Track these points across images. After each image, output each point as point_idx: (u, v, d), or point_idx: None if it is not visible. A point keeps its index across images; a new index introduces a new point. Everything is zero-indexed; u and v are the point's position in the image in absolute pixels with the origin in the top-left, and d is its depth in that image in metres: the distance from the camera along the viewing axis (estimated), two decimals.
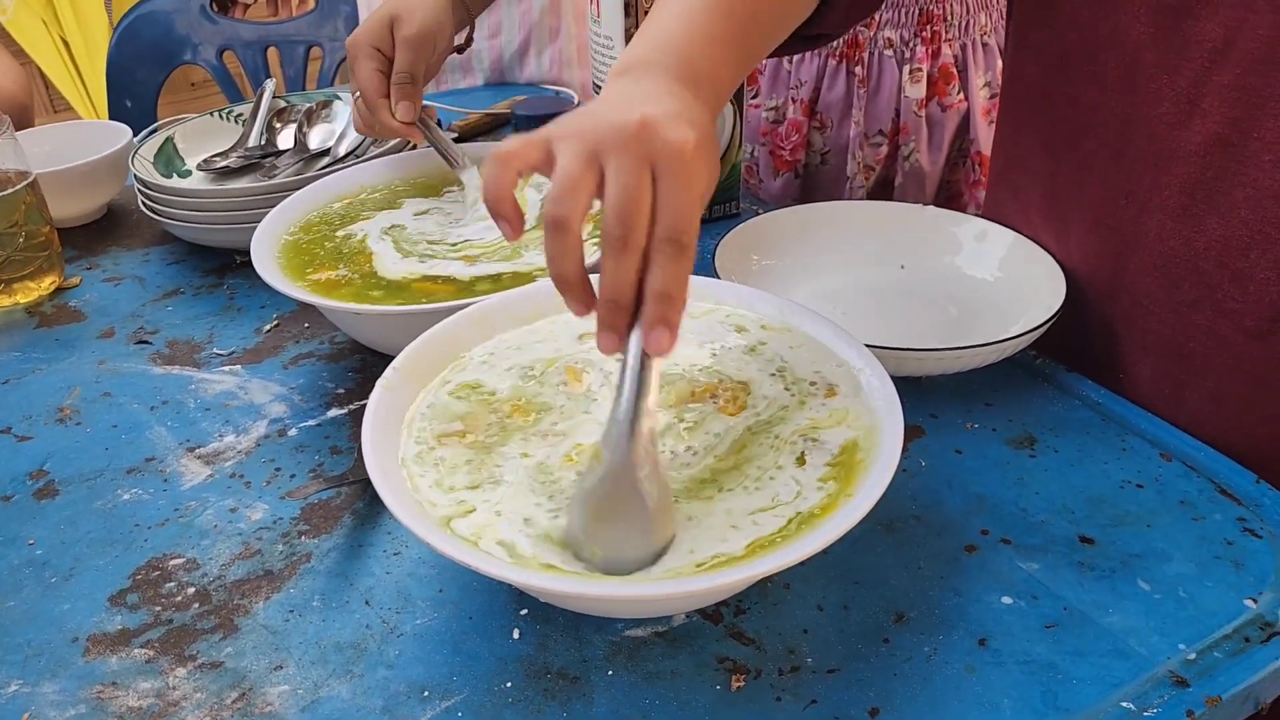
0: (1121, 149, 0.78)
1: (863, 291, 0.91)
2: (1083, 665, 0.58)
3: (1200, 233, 0.74)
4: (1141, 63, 0.74)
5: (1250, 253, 0.71)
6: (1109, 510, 0.69)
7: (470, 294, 0.83)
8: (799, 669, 0.59)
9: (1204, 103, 0.71)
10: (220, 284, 1.05)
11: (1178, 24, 0.71)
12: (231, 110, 1.27)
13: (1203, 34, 0.70)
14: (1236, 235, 0.72)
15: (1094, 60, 0.78)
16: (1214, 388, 0.76)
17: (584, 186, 0.53)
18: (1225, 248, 0.72)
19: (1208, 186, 0.72)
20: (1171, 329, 0.77)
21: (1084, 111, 0.80)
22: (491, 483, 0.62)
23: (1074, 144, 0.82)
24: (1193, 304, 0.76)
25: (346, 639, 0.62)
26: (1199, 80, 0.71)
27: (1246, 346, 0.73)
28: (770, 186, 1.32)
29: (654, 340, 0.53)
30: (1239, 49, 0.68)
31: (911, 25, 1.20)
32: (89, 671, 0.61)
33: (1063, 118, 0.83)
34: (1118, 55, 0.76)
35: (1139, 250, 0.78)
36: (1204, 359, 0.76)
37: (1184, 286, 0.76)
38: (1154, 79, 0.74)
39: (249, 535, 0.71)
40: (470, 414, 0.67)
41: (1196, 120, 0.72)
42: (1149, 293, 0.78)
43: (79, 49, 2.90)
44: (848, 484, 0.60)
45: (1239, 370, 0.74)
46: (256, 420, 0.83)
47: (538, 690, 0.58)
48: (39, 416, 0.85)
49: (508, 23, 1.58)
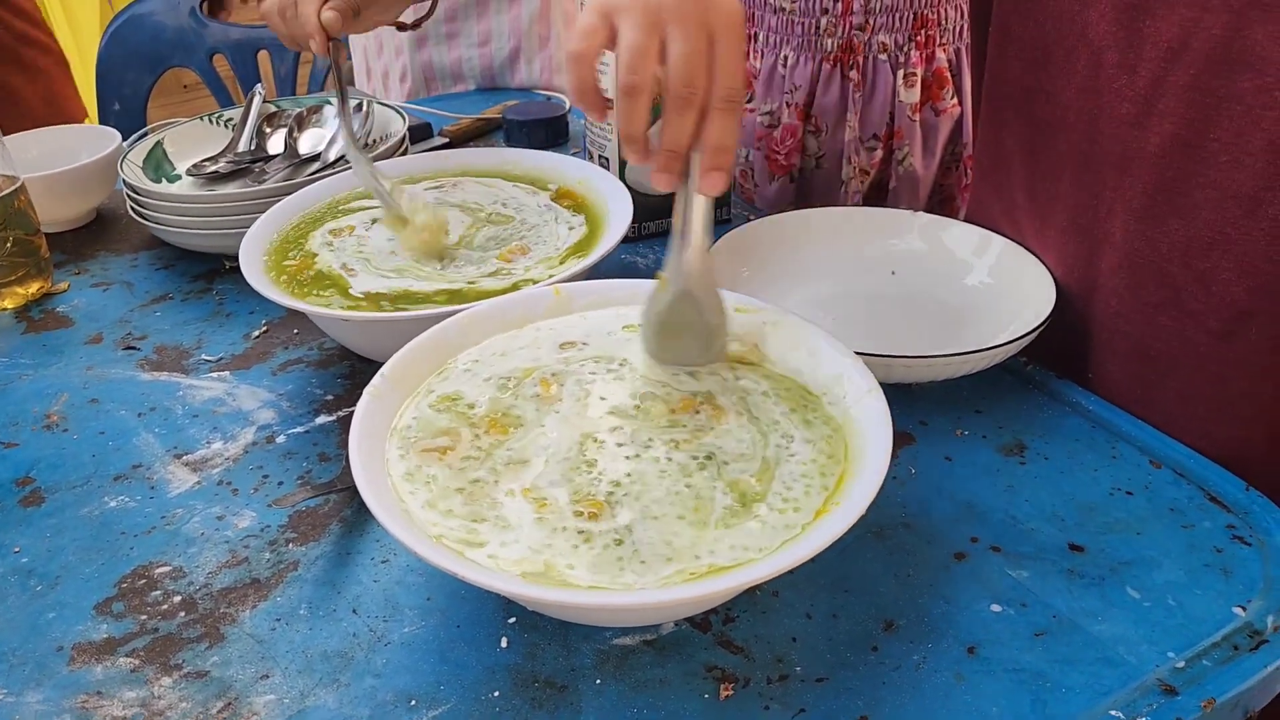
0: (1090, 150, 0.78)
1: (853, 298, 0.91)
2: (1072, 673, 0.58)
3: (1164, 234, 0.74)
4: (1104, 61, 0.74)
5: (1212, 253, 0.71)
6: (1099, 517, 0.69)
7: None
8: (788, 677, 0.58)
9: (1161, 103, 0.71)
10: (209, 289, 1.04)
11: (1136, 22, 0.71)
12: (221, 115, 1.26)
13: (1159, 33, 0.70)
14: (1198, 236, 0.72)
15: (1069, 57, 0.78)
16: (1180, 389, 0.76)
17: (650, 54, 0.60)
18: (1188, 249, 0.73)
19: (1169, 188, 0.73)
20: (1140, 330, 0.78)
21: (1059, 109, 0.80)
22: (499, 523, 0.60)
23: (1050, 144, 0.82)
24: (1159, 305, 0.76)
25: (333, 648, 0.62)
26: (1156, 80, 0.71)
27: (1211, 347, 0.74)
28: (766, 192, 1.32)
29: (710, 183, 0.61)
30: (1194, 49, 0.68)
31: (906, 30, 1.20)
32: (74, 681, 0.61)
33: (1041, 116, 0.83)
34: (1087, 53, 0.76)
35: (1107, 252, 0.78)
36: (1170, 360, 0.76)
37: (1150, 287, 0.76)
38: (1115, 78, 0.74)
39: (236, 543, 0.70)
40: (452, 429, 0.66)
41: (1155, 121, 0.72)
42: (1117, 294, 0.79)
43: (70, 52, 2.89)
44: (836, 491, 0.60)
45: (1204, 371, 0.75)
46: (244, 427, 0.82)
47: (525, 699, 0.58)
48: (25, 423, 0.85)
49: (497, 31, 1.57)
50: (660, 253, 1.03)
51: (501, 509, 0.60)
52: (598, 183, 0.99)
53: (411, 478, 0.63)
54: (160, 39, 1.81)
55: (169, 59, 1.83)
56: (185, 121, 1.25)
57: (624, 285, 0.78)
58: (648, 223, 1.06)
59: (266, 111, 1.25)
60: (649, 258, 1.03)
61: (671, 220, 0.65)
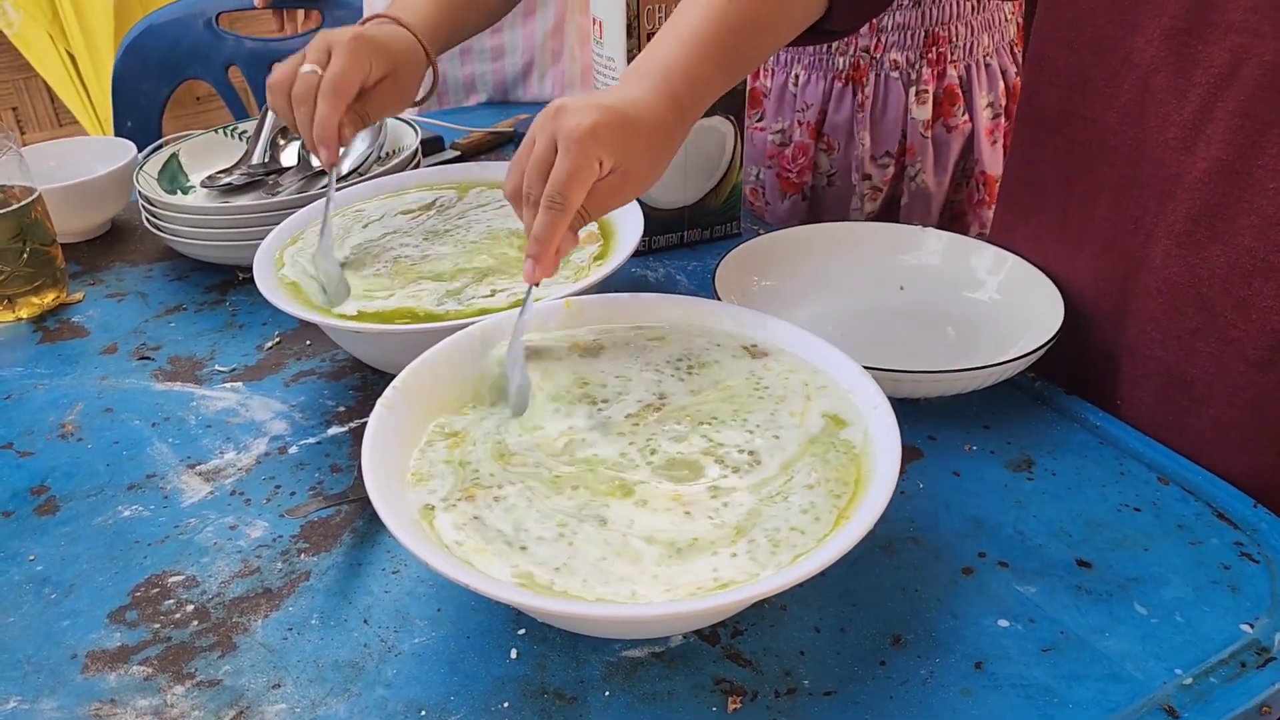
0: (1132, 174, 0.78)
1: (862, 313, 0.91)
2: (1079, 689, 0.58)
3: (1204, 260, 0.74)
4: (1152, 86, 0.74)
5: (1253, 280, 0.71)
6: (1106, 534, 0.69)
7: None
8: (795, 691, 0.59)
9: (1209, 128, 0.71)
10: (222, 300, 1.05)
11: (1187, 47, 0.71)
12: (236, 127, 1.27)
13: (1210, 59, 0.70)
14: (1240, 262, 0.72)
15: (1112, 81, 0.78)
16: (1215, 416, 0.76)
17: (519, 163, 0.71)
18: (1229, 275, 0.72)
19: (1212, 213, 0.73)
20: (1175, 356, 0.77)
21: (1101, 134, 0.80)
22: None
23: (1090, 168, 0.82)
24: (1196, 331, 0.76)
25: (344, 658, 0.62)
26: (1205, 105, 0.71)
27: (1248, 375, 0.73)
28: (777, 209, 1.32)
29: (525, 269, 0.70)
30: (1244, 75, 0.68)
31: (917, 47, 1.20)
32: (88, 688, 0.61)
33: (1080, 141, 0.82)
34: (1132, 77, 0.76)
35: (1144, 276, 0.78)
36: (1206, 387, 0.76)
37: (1188, 313, 0.76)
38: (1164, 103, 0.74)
39: (248, 553, 0.71)
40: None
41: (1202, 146, 0.72)
42: (1153, 319, 0.78)
43: (85, 63, 2.91)
44: (845, 506, 0.61)
45: (1240, 399, 0.74)
46: (257, 437, 0.83)
47: (535, 710, 0.58)
48: (40, 432, 0.86)
49: (510, 45, 1.58)
50: (670, 266, 1.04)
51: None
52: None
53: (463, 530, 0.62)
54: (177, 50, 1.83)
55: (185, 70, 1.84)
56: (200, 134, 1.26)
57: (634, 299, 0.79)
58: (658, 236, 1.06)
59: (280, 124, 1.26)
60: (659, 271, 1.04)
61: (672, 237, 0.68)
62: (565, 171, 0.67)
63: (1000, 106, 1.26)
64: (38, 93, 3.18)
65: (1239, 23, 0.68)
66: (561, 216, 0.67)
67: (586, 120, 0.67)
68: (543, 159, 0.68)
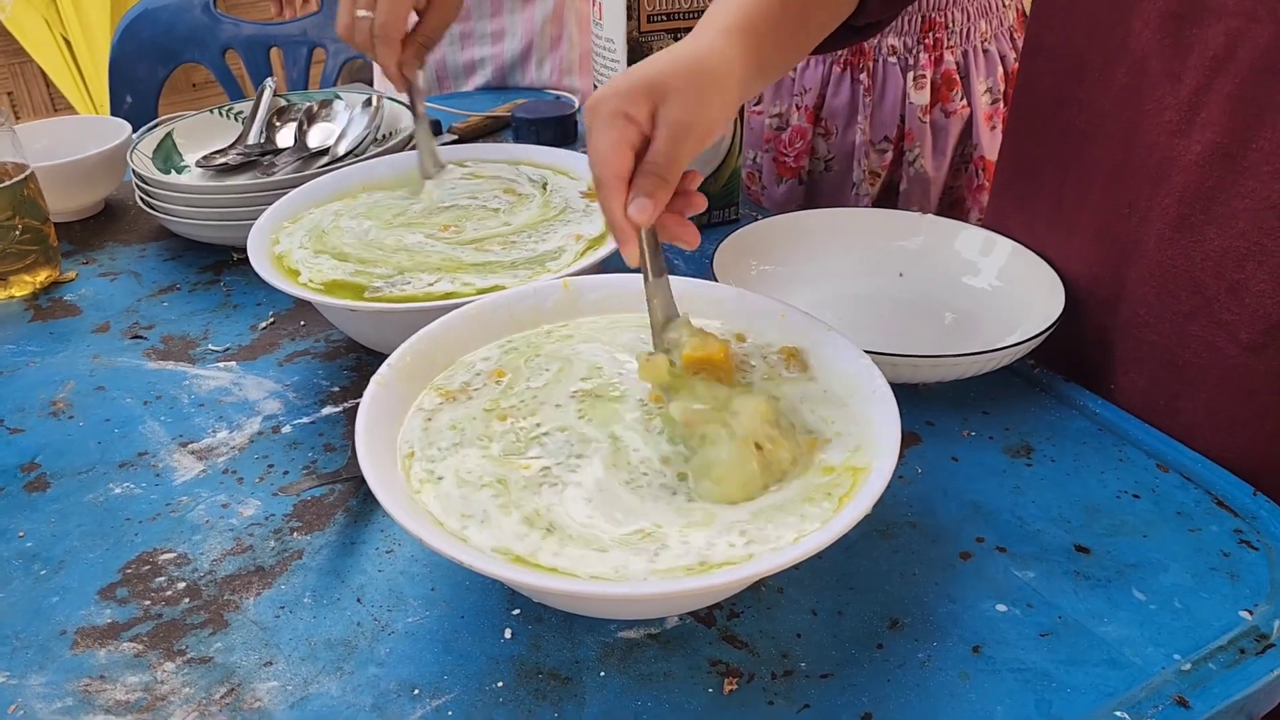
0: (1125, 158, 0.78)
1: (861, 298, 0.91)
2: (1077, 674, 0.58)
3: (1198, 243, 0.73)
4: (1147, 70, 0.74)
5: (1247, 264, 0.71)
6: (1105, 520, 0.68)
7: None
8: (792, 673, 0.58)
9: (1204, 112, 0.71)
10: (217, 280, 1.04)
11: (1182, 31, 0.71)
12: (232, 108, 1.26)
13: (1206, 42, 0.70)
14: (1234, 246, 0.71)
15: (1107, 66, 0.78)
16: (1207, 399, 0.76)
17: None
18: (1223, 259, 0.72)
19: (1207, 197, 0.72)
20: (1168, 340, 0.77)
21: (1096, 118, 0.80)
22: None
23: (1082, 152, 0.82)
24: (1189, 315, 0.75)
25: (337, 636, 0.62)
26: (1201, 89, 0.71)
27: (1240, 359, 0.73)
28: (774, 193, 1.32)
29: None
30: (1240, 58, 0.68)
31: (914, 33, 1.20)
32: (77, 664, 0.61)
33: (1073, 125, 0.82)
34: (1128, 62, 0.76)
35: (1138, 260, 0.78)
36: (1199, 371, 0.76)
37: (1181, 297, 0.76)
38: (1158, 86, 0.74)
39: (240, 531, 0.70)
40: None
41: (1197, 129, 0.72)
42: (1147, 303, 0.78)
43: (80, 48, 2.90)
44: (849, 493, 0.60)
45: (1232, 383, 0.74)
46: (250, 416, 0.82)
47: (529, 690, 0.58)
48: (32, 409, 0.85)
49: (510, 30, 1.58)
50: (668, 250, 1.03)
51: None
52: None
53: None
54: (174, 33, 1.82)
55: (182, 54, 1.83)
56: (195, 113, 1.25)
57: (632, 280, 0.78)
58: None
59: (277, 105, 1.25)
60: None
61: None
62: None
63: (999, 92, 1.25)
64: (33, 78, 3.17)
65: (1234, 6, 0.68)
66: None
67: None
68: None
